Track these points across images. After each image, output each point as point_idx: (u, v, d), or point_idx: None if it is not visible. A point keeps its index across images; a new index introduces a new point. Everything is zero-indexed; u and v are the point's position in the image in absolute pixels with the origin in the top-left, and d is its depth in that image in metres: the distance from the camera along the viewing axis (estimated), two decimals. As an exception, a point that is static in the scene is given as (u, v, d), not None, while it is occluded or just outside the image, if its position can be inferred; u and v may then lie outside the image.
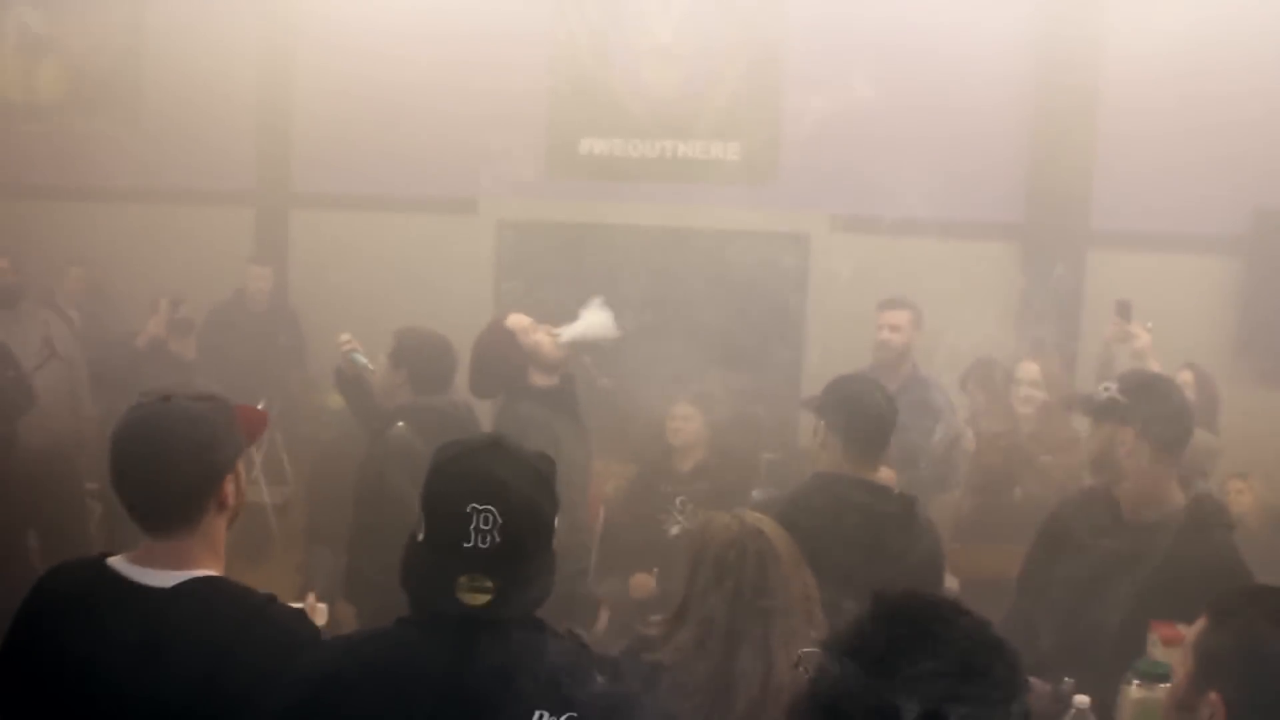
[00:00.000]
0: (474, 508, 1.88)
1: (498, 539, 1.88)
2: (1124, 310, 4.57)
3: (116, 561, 2.11)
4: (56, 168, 7.61)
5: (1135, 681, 2.62)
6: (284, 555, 6.68)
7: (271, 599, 2.12)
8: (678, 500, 5.26)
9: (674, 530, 5.20)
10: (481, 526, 1.87)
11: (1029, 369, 4.97)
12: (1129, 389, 3.10)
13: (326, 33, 7.07)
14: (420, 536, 1.95)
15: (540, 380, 4.41)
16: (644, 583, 5.10)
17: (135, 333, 6.23)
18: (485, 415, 5.00)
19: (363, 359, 4.58)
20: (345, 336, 4.66)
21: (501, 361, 4.40)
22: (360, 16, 6.89)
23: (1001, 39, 6.16)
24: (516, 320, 4.49)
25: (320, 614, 2.33)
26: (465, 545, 1.87)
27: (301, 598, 2.37)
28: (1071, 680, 2.76)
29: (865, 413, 3.26)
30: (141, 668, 1.98)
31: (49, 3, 7.69)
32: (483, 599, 1.87)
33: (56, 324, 6.19)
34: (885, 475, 3.61)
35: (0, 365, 5.35)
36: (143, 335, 6.13)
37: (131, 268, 7.14)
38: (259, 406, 4.72)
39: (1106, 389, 3.12)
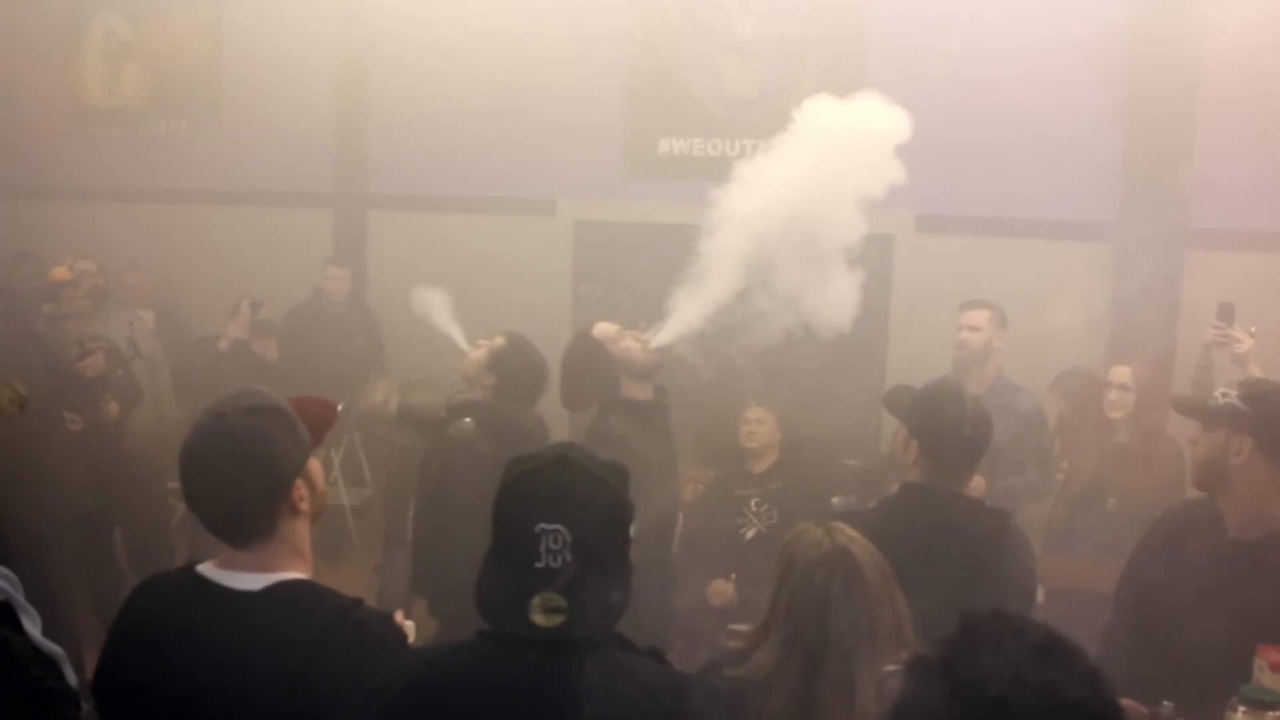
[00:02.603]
0: (542, 528, 1.84)
1: (569, 558, 1.84)
2: (1226, 313, 4.41)
3: (205, 569, 2.15)
4: (138, 171, 7.75)
5: (1241, 708, 2.58)
6: (362, 557, 6.74)
7: (358, 602, 2.13)
8: (752, 503, 5.22)
9: (749, 534, 5.19)
10: (551, 546, 1.83)
11: (1121, 373, 4.83)
12: (1250, 397, 2.98)
13: (403, 35, 7.10)
14: (492, 556, 1.93)
15: (634, 392, 4.35)
16: (722, 590, 5.06)
17: (217, 335, 6.30)
18: (575, 428, 4.96)
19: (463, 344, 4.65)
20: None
21: (591, 373, 4.36)
22: (437, 18, 6.91)
23: (1095, 31, 5.98)
24: (604, 329, 4.42)
25: (409, 630, 2.30)
26: (536, 565, 1.84)
27: (380, 600, 2.35)
28: (1171, 704, 2.71)
29: (960, 432, 3.15)
30: (232, 668, 2.00)
31: (132, 8, 7.81)
32: (557, 619, 1.83)
33: (139, 324, 6.32)
34: (975, 484, 3.52)
35: (111, 363, 5.52)
36: (225, 337, 6.21)
37: (211, 270, 7.22)
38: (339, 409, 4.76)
39: (1225, 395, 3.00)
